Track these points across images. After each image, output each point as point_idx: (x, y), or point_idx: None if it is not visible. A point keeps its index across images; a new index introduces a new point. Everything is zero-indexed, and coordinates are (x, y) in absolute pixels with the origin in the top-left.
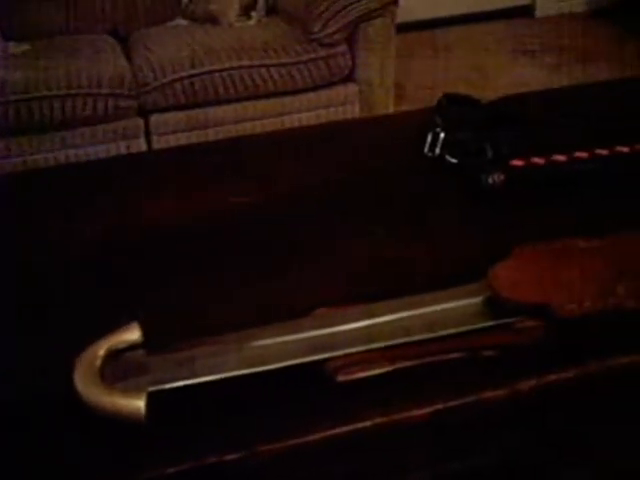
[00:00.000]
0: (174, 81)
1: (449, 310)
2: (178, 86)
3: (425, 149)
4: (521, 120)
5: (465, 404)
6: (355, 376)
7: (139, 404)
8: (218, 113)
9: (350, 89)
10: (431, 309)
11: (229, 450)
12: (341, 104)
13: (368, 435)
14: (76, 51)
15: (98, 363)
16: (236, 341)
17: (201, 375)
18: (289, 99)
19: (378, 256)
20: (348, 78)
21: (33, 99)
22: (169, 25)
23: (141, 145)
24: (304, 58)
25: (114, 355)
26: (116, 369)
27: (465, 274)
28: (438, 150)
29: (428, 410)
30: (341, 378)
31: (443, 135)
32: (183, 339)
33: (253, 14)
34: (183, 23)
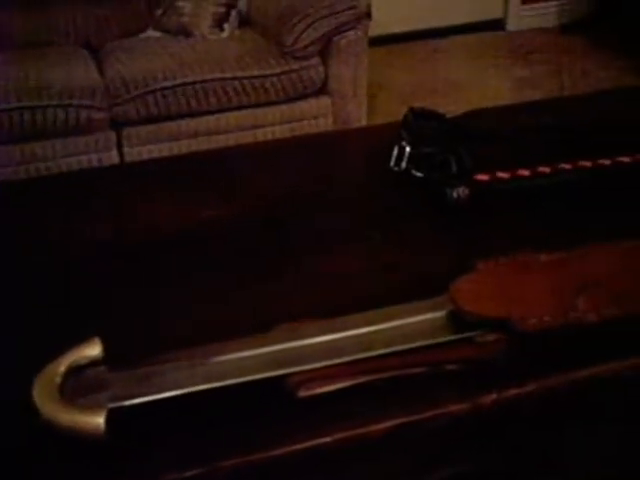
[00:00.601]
0: (146, 93)
1: (412, 324)
2: (150, 98)
3: (391, 163)
4: (486, 134)
5: (427, 418)
6: (317, 391)
7: (98, 420)
8: (191, 126)
9: (323, 102)
10: (394, 323)
11: (190, 466)
12: (314, 117)
13: (330, 450)
14: (47, 63)
15: (58, 380)
16: (198, 356)
17: (162, 391)
18: (262, 112)
19: (341, 271)
20: (321, 91)
21: (3, 110)
22: (141, 37)
23: (113, 158)
24: (277, 71)
25: (75, 371)
26: (76, 385)
27: (429, 288)
28: (404, 164)
29: (389, 424)
30: (302, 393)
31: (409, 149)
32: (145, 355)
33: (226, 26)
34: (156, 35)
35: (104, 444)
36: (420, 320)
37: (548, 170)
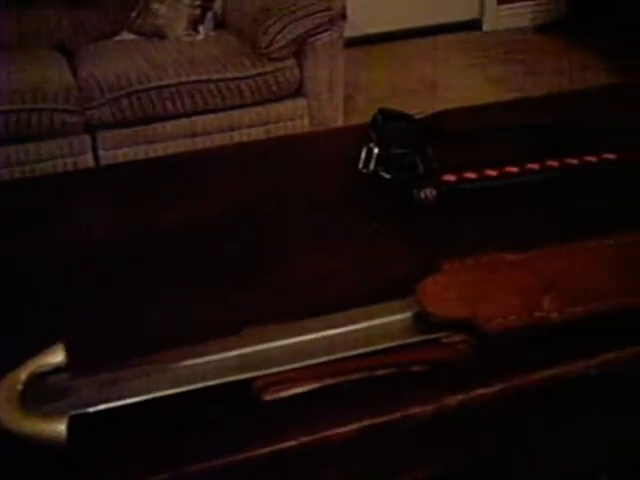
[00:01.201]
0: (121, 96)
1: (378, 326)
2: (125, 101)
3: (360, 165)
4: (454, 135)
5: (392, 420)
6: (282, 394)
7: (60, 428)
8: (166, 128)
9: (299, 103)
10: (359, 325)
11: (155, 472)
12: (290, 118)
13: (295, 454)
14: (21, 65)
15: (19, 388)
16: (164, 361)
17: (127, 397)
18: (238, 114)
19: (308, 273)
20: (297, 92)
21: None
22: (116, 40)
23: (88, 161)
24: (252, 73)
25: (37, 379)
26: (38, 393)
27: (396, 290)
28: (372, 166)
29: (355, 427)
30: (268, 397)
31: (377, 151)
32: (110, 360)
33: (201, 29)
34: (130, 38)
35: (67, 452)
36: (386, 322)
37: (515, 170)
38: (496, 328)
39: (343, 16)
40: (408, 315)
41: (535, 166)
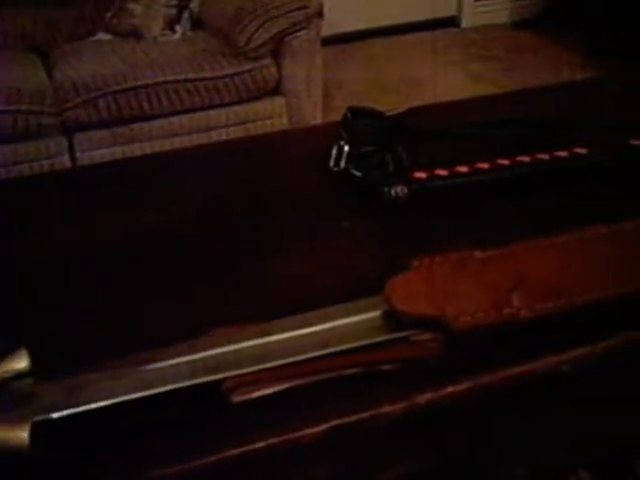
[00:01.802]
0: (97, 97)
1: (347, 325)
2: (102, 102)
3: (331, 163)
4: (426, 132)
5: (361, 420)
6: (250, 396)
7: (23, 435)
8: (144, 129)
9: (277, 102)
10: (328, 325)
11: (121, 476)
12: (269, 117)
13: (264, 455)
14: None
15: None
16: (130, 365)
17: (92, 401)
18: (216, 113)
19: (277, 273)
20: (275, 91)
21: None
22: (92, 40)
23: (65, 163)
24: (230, 72)
25: (0, 385)
26: (1, 400)
27: (366, 288)
28: (343, 164)
29: (324, 427)
30: (236, 398)
31: (347, 149)
32: (74, 365)
33: (178, 28)
34: (106, 38)
35: (30, 459)
36: (356, 321)
37: (486, 166)
38: (464, 326)
39: (320, 14)
40: (377, 314)
41: (506, 162)
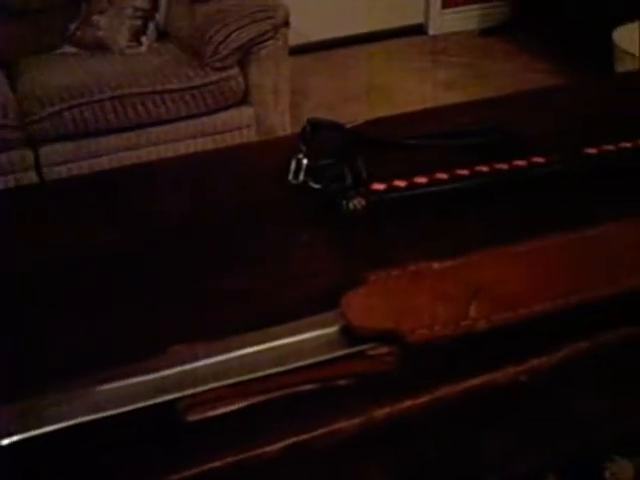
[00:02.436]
0: (62, 110)
1: (304, 341)
2: (67, 115)
3: (289, 176)
4: (385, 143)
5: (319, 436)
6: (206, 414)
7: None
8: (111, 142)
9: (245, 112)
10: (285, 341)
11: None
12: (237, 128)
13: (221, 475)
14: None
15: None
16: (83, 386)
17: (45, 425)
18: (183, 125)
19: (233, 288)
20: (243, 101)
21: None
22: (57, 53)
23: (32, 178)
24: (197, 83)
25: None
26: None
27: (323, 303)
28: (302, 177)
29: (281, 445)
30: (191, 417)
31: (306, 162)
32: (29, 388)
33: (144, 40)
34: (71, 51)
35: None
36: (312, 337)
37: (445, 176)
38: (420, 339)
39: (286, 23)
40: (334, 329)
41: (465, 172)
